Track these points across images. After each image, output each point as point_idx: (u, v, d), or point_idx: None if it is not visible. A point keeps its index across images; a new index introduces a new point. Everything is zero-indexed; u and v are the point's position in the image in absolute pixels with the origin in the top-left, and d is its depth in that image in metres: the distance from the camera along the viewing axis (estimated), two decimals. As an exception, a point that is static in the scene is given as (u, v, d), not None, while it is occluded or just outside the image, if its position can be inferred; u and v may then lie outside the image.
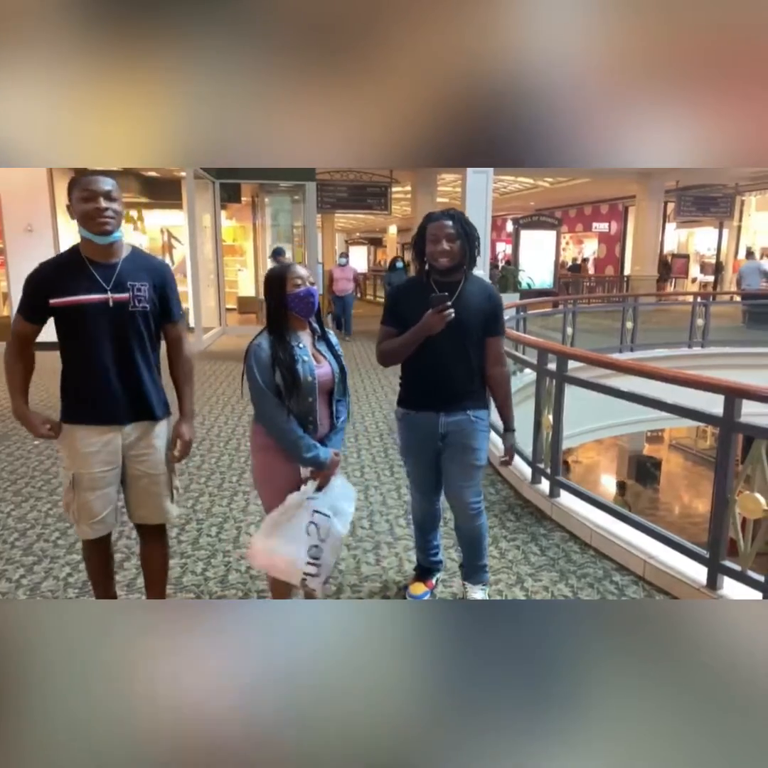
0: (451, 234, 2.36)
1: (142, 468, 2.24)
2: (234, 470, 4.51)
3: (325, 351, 2.24)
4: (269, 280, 2.17)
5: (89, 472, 2.16)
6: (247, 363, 2.13)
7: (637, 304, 9.61)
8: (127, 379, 2.16)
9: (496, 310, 2.49)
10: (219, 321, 11.98)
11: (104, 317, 2.08)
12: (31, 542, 3.36)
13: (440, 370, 2.45)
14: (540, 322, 9.28)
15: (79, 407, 2.17)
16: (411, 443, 2.61)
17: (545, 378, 3.88)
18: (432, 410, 2.49)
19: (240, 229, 15.03)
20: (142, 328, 2.16)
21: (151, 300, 2.16)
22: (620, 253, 21.61)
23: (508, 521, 3.68)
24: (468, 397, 2.50)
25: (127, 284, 2.11)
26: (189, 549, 3.28)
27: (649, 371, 3.22)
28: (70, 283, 2.07)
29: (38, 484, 4.21)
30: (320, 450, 2.15)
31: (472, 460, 2.53)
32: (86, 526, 2.23)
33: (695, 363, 8.80)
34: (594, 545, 3.33)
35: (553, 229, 14.85)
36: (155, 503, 2.29)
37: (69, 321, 2.09)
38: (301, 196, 12.03)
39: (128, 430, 2.20)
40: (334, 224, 24.25)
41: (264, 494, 2.28)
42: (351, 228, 33.89)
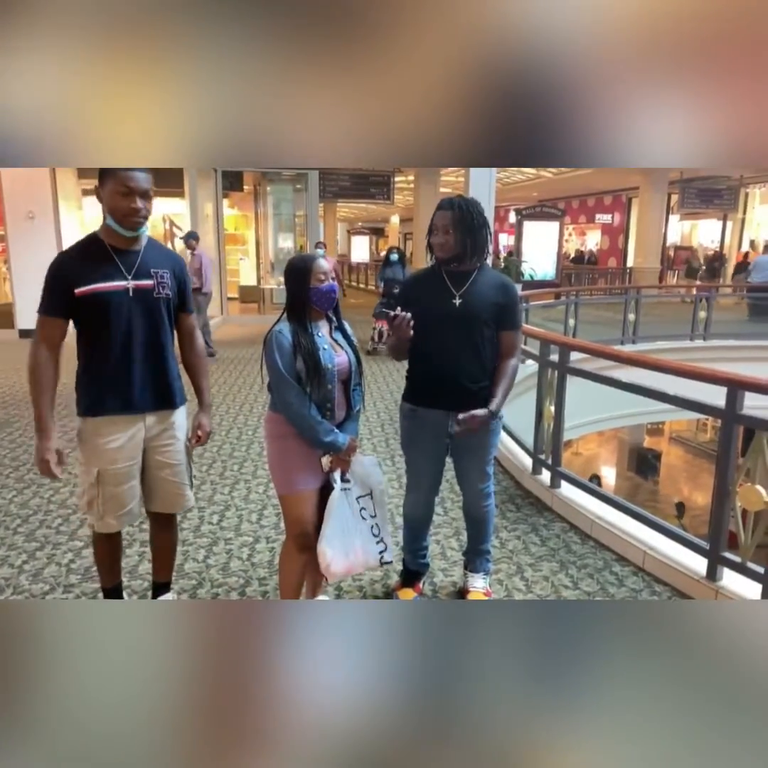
0: (447, 225, 2.29)
1: (163, 458, 2.24)
2: (235, 459, 4.52)
3: (341, 340, 2.27)
4: (293, 271, 2.16)
5: (115, 467, 2.15)
6: (267, 349, 2.14)
7: (639, 296, 9.58)
8: (152, 365, 2.16)
9: (510, 303, 2.38)
10: (221, 310, 11.97)
11: (130, 303, 2.08)
12: (33, 528, 3.37)
13: (449, 365, 2.36)
14: (542, 314, 9.27)
15: (103, 398, 2.12)
16: (416, 439, 2.54)
17: (547, 369, 3.88)
18: (441, 409, 2.41)
19: (242, 218, 14.98)
20: (165, 315, 2.17)
21: (172, 288, 2.17)
22: (623, 244, 21.53)
23: (508, 512, 3.69)
24: (479, 395, 2.37)
25: (150, 271, 2.11)
26: (191, 536, 3.30)
27: (652, 363, 3.22)
28: (95, 271, 2.04)
29: (40, 471, 4.22)
30: (338, 434, 2.19)
31: (483, 456, 2.52)
32: (113, 518, 2.21)
33: (698, 356, 8.78)
34: (594, 536, 3.34)
35: (556, 220, 14.77)
36: (177, 492, 2.31)
37: (94, 310, 2.05)
38: (303, 185, 12.00)
39: (150, 421, 2.19)
40: (336, 214, 24.19)
41: (281, 482, 2.29)
42: (353, 217, 33.79)
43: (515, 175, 19.35)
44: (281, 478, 2.28)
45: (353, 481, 2.30)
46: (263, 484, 4.03)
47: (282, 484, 2.28)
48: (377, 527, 2.34)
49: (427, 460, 2.56)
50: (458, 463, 2.58)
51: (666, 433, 13.54)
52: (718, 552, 2.68)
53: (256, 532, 3.37)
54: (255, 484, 4.05)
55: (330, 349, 2.19)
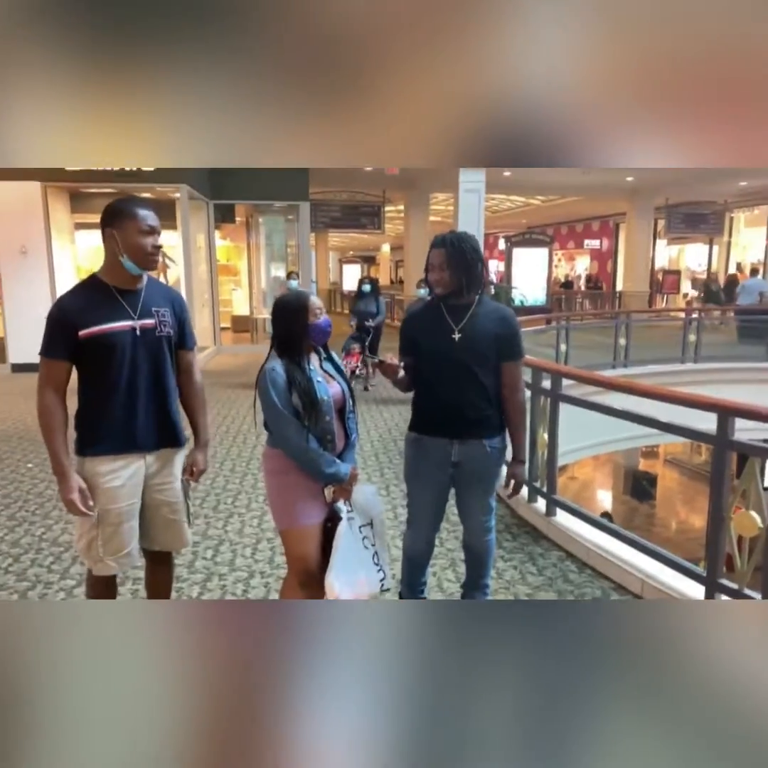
0: (442, 263, 2.33)
1: (161, 497, 2.23)
2: (229, 491, 4.49)
3: (331, 370, 2.29)
4: (287, 309, 2.17)
5: (116, 506, 2.12)
6: (261, 387, 2.14)
7: (629, 321, 9.67)
8: (156, 404, 2.16)
9: (510, 334, 2.40)
10: (213, 340, 11.99)
11: (134, 343, 2.08)
12: (24, 567, 3.32)
13: (449, 395, 2.38)
14: (534, 339, 9.33)
15: (105, 436, 2.10)
16: (420, 470, 2.53)
17: (540, 396, 3.89)
18: (444, 437, 2.42)
19: (234, 249, 15.10)
20: (167, 353, 2.18)
21: (173, 326, 2.19)
22: (612, 269, 21.81)
23: (505, 541, 3.67)
24: (483, 424, 2.40)
25: (152, 310, 2.13)
26: (185, 572, 3.26)
27: (643, 390, 3.25)
28: (100, 312, 2.04)
29: (32, 507, 4.18)
30: (340, 465, 2.20)
31: (486, 488, 2.52)
32: (112, 560, 2.16)
33: (688, 378, 8.84)
34: (591, 564, 3.32)
35: (545, 246, 14.97)
36: (176, 530, 2.29)
37: (99, 351, 2.05)
38: (294, 215, 12.13)
39: (151, 459, 2.18)
40: (327, 243, 24.44)
41: (282, 517, 2.26)
42: (344, 246, 34.10)
43: (504, 202, 19.64)
44: (283, 513, 2.26)
45: (354, 510, 2.30)
46: (257, 517, 4.00)
47: (283, 519, 2.25)
48: (377, 555, 2.35)
49: (429, 492, 2.54)
50: (461, 495, 2.56)
51: (661, 455, 13.56)
52: (715, 578, 2.67)
53: (250, 567, 3.33)
54: (249, 517, 4.02)
55: (323, 381, 2.20)
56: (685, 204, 16.01)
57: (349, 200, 13.52)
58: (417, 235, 15.36)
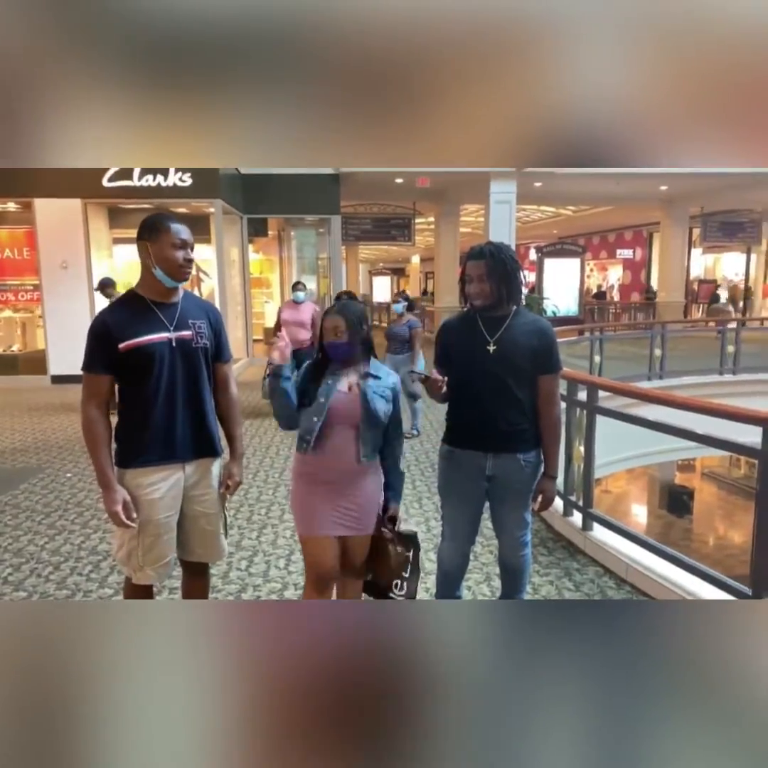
0: (482, 275, 2.29)
1: (200, 508, 2.26)
2: (263, 503, 4.52)
3: (368, 386, 2.22)
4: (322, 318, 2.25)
5: (157, 517, 2.15)
6: None
7: (664, 331, 9.50)
8: (193, 414, 2.20)
9: (546, 346, 2.36)
10: (246, 352, 12.14)
11: (172, 354, 2.13)
12: (64, 576, 3.39)
13: (484, 408, 2.35)
14: (566, 350, 9.23)
15: (146, 447, 2.14)
16: (454, 482, 2.50)
17: (575, 409, 3.84)
18: (479, 450, 2.40)
19: (266, 262, 15.31)
20: (203, 364, 2.22)
21: (209, 338, 2.23)
22: (645, 279, 21.48)
23: (540, 555, 3.61)
24: (518, 437, 2.37)
25: (188, 322, 2.18)
26: (219, 583, 3.28)
27: (681, 402, 3.17)
28: (138, 325, 2.10)
29: (71, 516, 4.26)
30: None
31: (521, 503, 2.48)
32: (152, 570, 2.20)
33: (727, 390, 8.65)
34: (630, 581, 3.25)
35: (577, 256, 14.83)
36: (212, 542, 2.32)
37: (139, 362, 2.09)
38: (325, 228, 12.25)
39: (190, 470, 2.21)
40: (357, 255, 24.60)
41: (301, 522, 2.30)
42: (374, 258, 34.30)
43: (535, 213, 19.54)
44: (302, 519, 2.29)
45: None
46: (290, 528, 4.01)
47: (302, 525, 2.29)
48: None
49: (464, 504, 2.51)
50: (496, 509, 2.53)
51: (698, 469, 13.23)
52: (761, 597, 2.59)
53: (284, 579, 3.34)
54: (282, 528, 4.03)
55: (334, 385, 2.19)
56: (721, 212, 15.71)
57: (379, 213, 13.60)
58: (447, 246, 15.37)
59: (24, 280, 10.01)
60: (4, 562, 3.57)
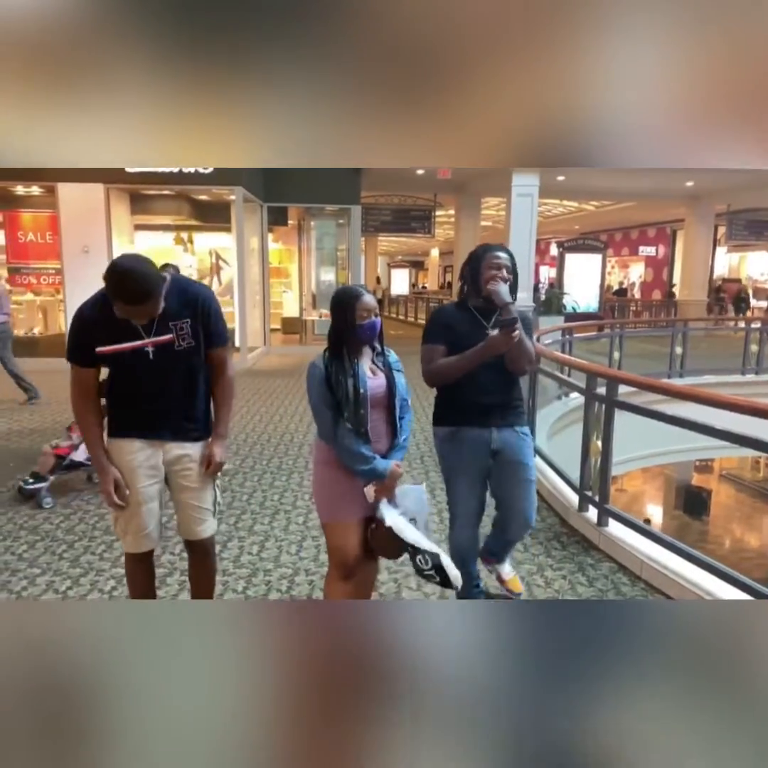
0: (509, 267, 2.49)
1: (184, 482, 2.29)
2: (276, 489, 4.52)
3: (382, 366, 2.26)
4: (337, 304, 2.18)
5: (134, 486, 2.21)
6: (306, 383, 2.23)
7: (686, 329, 9.36)
8: (172, 408, 2.23)
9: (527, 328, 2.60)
10: (264, 341, 12.17)
11: (150, 360, 2.13)
12: (78, 554, 3.42)
13: (486, 385, 2.49)
14: (585, 346, 9.12)
15: (124, 423, 2.22)
16: (460, 460, 2.57)
17: (594, 403, 3.78)
18: (483, 427, 2.52)
19: (286, 252, 15.33)
20: (187, 363, 2.21)
21: (195, 335, 2.19)
22: (668, 277, 21.19)
23: (554, 549, 3.57)
24: (514, 412, 2.58)
25: (169, 325, 2.14)
26: (231, 566, 3.29)
27: (706, 397, 3.10)
28: (112, 331, 2.09)
29: (87, 497, 4.30)
30: (377, 462, 2.16)
31: (528, 475, 2.58)
32: (133, 538, 2.27)
33: (750, 390, 8.49)
34: (644, 578, 3.20)
35: (599, 252, 14.68)
36: (196, 516, 2.33)
37: (116, 365, 2.16)
38: (345, 219, 12.21)
39: (170, 446, 2.25)
40: (377, 247, 24.57)
41: (324, 509, 2.29)
42: (393, 251, 34.22)
43: (556, 208, 19.34)
44: (325, 506, 2.28)
45: (396, 509, 2.24)
46: (303, 515, 4.01)
47: (325, 512, 2.28)
48: None
49: (471, 482, 2.58)
50: (502, 483, 2.61)
51: (716, 470, 13.05)
52: (781, 598, 2.53)
53: (295, 564, 3.34)
54: (295, 514, 4.03)
55: (363, 373, 2.18)
56: (747, 210, 15.42)
57: (400, 204, 13.54)
58: (467, 239, 15.26)
59: (46, 263, 10.09)
60: (19, 539, 3.61)
